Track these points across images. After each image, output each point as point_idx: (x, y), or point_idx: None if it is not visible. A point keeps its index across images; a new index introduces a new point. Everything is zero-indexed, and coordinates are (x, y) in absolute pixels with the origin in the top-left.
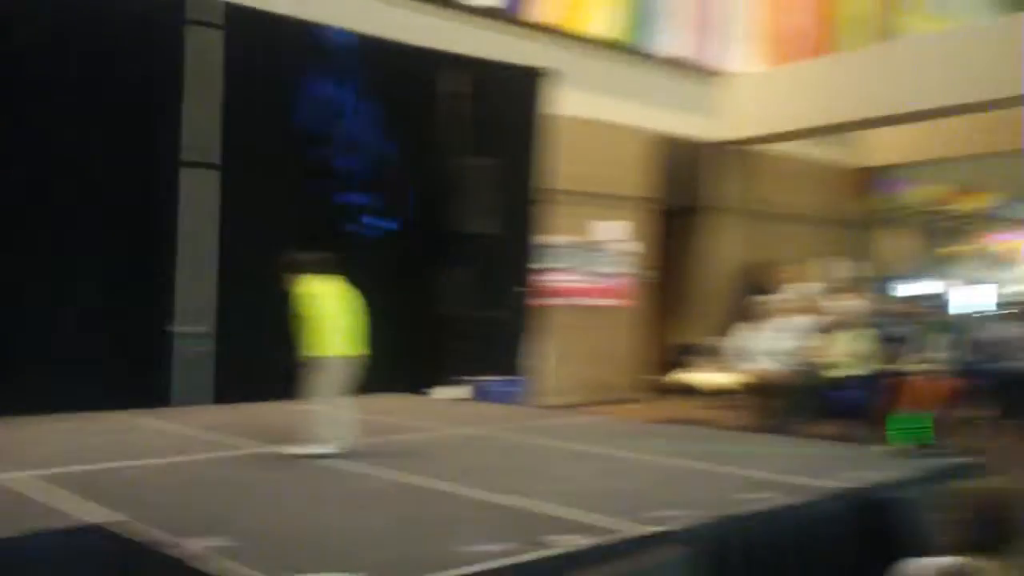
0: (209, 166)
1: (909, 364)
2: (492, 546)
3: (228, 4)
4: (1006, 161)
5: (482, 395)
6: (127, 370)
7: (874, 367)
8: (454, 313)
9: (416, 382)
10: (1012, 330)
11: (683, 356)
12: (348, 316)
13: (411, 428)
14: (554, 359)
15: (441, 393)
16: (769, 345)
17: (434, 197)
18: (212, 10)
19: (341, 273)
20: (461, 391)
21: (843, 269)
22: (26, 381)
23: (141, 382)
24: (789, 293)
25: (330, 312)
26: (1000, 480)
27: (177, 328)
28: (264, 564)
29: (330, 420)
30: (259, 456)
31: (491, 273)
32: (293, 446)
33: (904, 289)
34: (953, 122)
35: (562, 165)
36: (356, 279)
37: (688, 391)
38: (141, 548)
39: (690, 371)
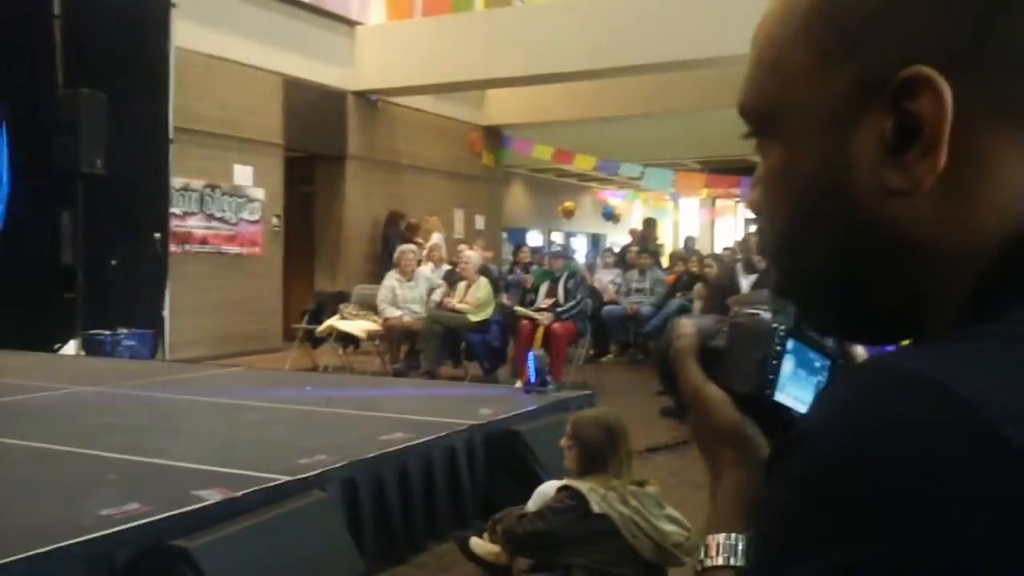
0: None
1: (531, 309)
2: (132, 506)
3: None
4: (606, 126)
5: (107, 350)
6: None
7: (501, 312)
8: (70, 261)
9: (34, 338)
10: (611, 276)
11: (324, 304)
12: None
13: (28, 388)
14: (186, 310)
15: (66, 349)
16: (407, 292)
17: (41, 133)
18: None
19: None
20: (84, 346)
21: (471, 221)
22: None
23: None
24: (424, 243)
25: None
26: (603, 410)
27: None
28: None
29: None
30: None
31: (114, 216)
32: None
33: (526, 240)
34: (564, 87)
35: (190, 104)
36: None
37: (331, 339)
38: None
39: (336, 319)
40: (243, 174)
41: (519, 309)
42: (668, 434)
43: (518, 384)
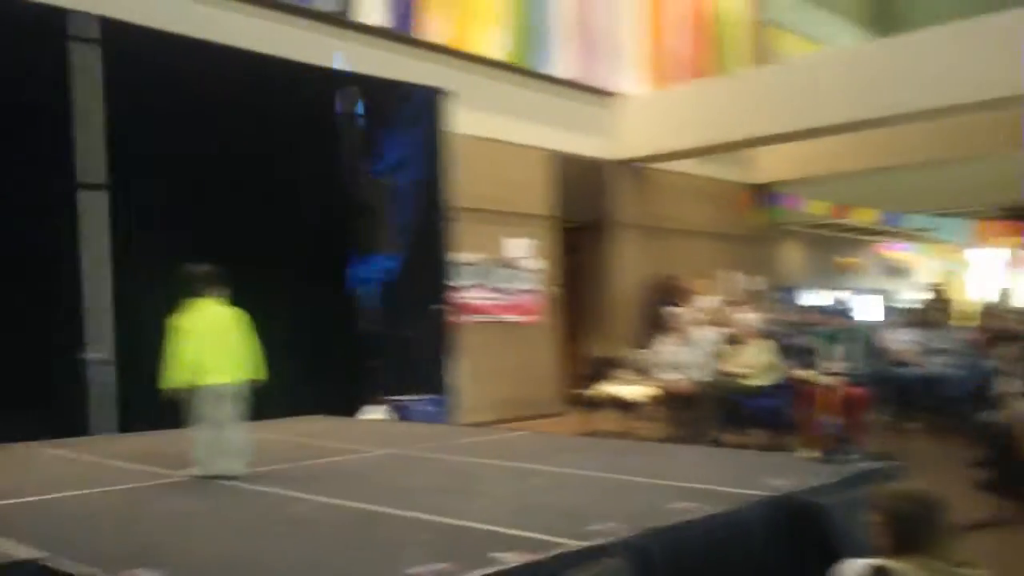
0: (101, 187)
1: (815, 372)
2: (436, 566)
3: (104, 19)
4: (887, 176)
5: (403, 415)
6: (33, 400)
7: (782, 376)
8: (369, 332)
9: (336, 404)
10: (908, 336)
11: (601, 369)
12: (222, 342)
13: (336, 450)
14: (472, 377)
15: (363, 414)
16: (682, 357)
17: (339, 216)
18: (89, 25)
19: (232, 288)
20: (382, 411)
21: (743, 281)
22: None
23: (51, 412)
24: (695, 306)
25: (201, 340)
26: (916, 483)
27: (87, 356)
28: None
29: (212, 445)
30: (179, 484)
31: (406, 292)
32: (187, 469)
33: (804, 300)
34: (836, 139)
35: (464, 184)
36: (260, 300)
37: (607, 404)
38: None
39: (607, 384)
40: (518, 247)
41: (807, 373)
42: (985, 510)
43: (809, 453)
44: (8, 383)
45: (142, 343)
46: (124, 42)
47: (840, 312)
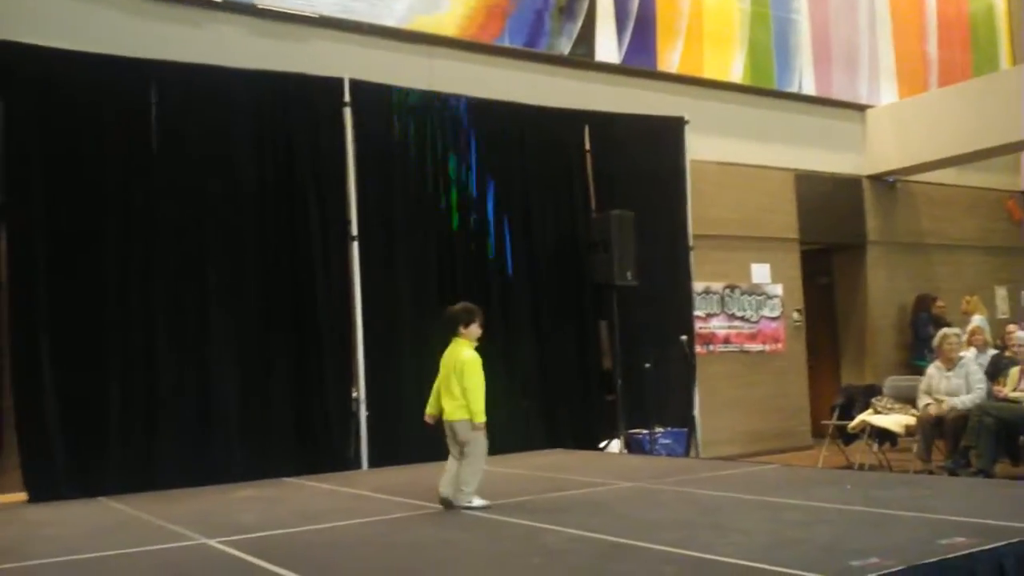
0: (362, 238)
1: None
2: None
3: (355, 81)
4: None
5: (647, 448)
6: (308, 439)
7: None
8: (611, 366)
9: (578, 437)
10: None
11: (851, 398)
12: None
13: (578, 483)
14: (713, 408)
15: (610, 447)
16: (952, 382)
17: (580, 252)
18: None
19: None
20: (625, 444)
21: (1016, 298)
22: (212, 452)
23: (318, 449)
24: (965, 326)
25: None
26: None
27: (356, 395)
28: None
29: (480, 477)
30: (432, 515)
31: (647, 323)
32: (459, 500)
33: None
34: None
35: (705, 210)
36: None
37: (866, 435)
38: None
39: (866, 413)
40: (760, 272)
41: None
42: None
43: None
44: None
45: (390, 382)
46: (385, 103)
47: None
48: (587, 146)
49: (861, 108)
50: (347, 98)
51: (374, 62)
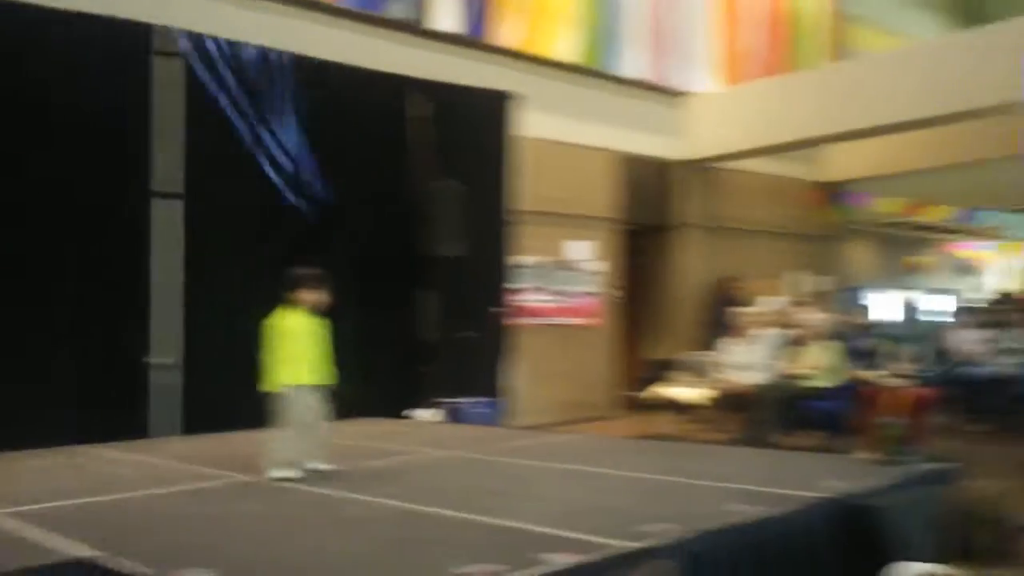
0: (175, 196)
1: (880, 374)
2: (484, 566)
3: (190, 32)
4: (961, 173)
5: (459, 417)
6: (99, 403)
7: (846, 378)
8: (429, 336)
9: (393, 406)
10: (978, 336)
11: (658, 371)
12: (314, 346)
13: (391, 452)
14: (529, 379)
15: (418, 416)
16: (743, 358)
17: (404, 221)
18: (174, 39)
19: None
20: (438, 414)
21: (809, 282)
22: None
23: (113, 415)
24: (760, 306)
25: (297, 342)
26: (987, 486)
27: (152, 360)
28: None
29: (291, 446)
30: (236, 485)
31: (465, 295)
32: (264, 470)
33: (870, 300)
34: (910, 136)
35: (530, 186)
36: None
37: (666, 406)
38: None
39: (667, 386)
40: (581, 249)
41: (870, 374)
42: None
43: (869, 455)
44: (72, 385)
45: (210, 348)
46: (204, 55)
47: (902, 313)
48: (419, 115)
49: (684, 95)
50: (159, 45)
51: (197, 10)
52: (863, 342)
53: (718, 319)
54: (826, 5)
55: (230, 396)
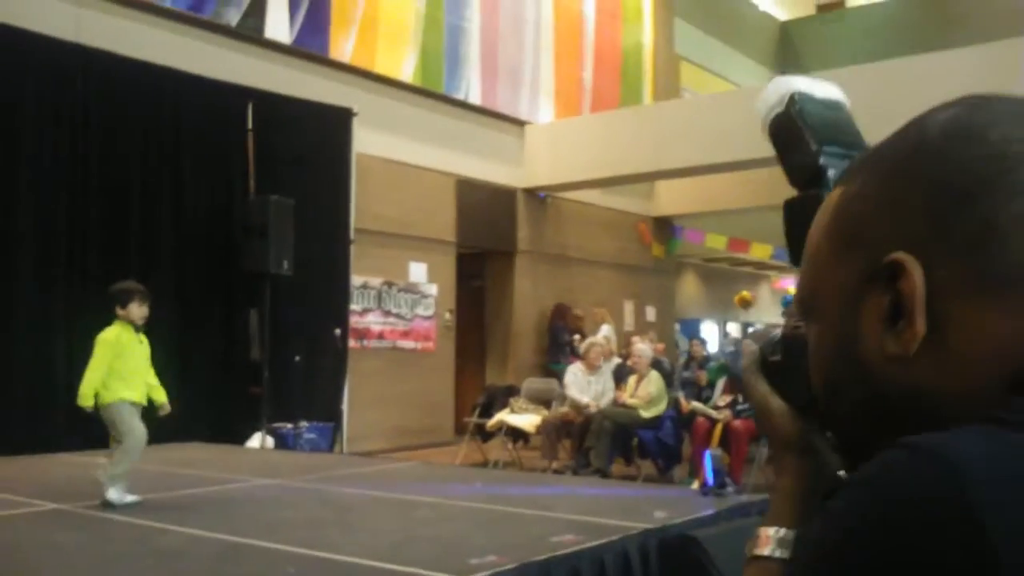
0: None
1: (703, 405)
2: None
3: None
4: (779, 214)
5: (289, 443)
6: None
7: (670, 407)
8: (256, 357)
9: (221, 430)
10: None
11: (497, 397)
12: (142, 362)
13: (215, 479)
14: (365, 404)
15: (252, 442)
16: (579, 386)
17: (233, 236)
18: None
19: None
20: (268, 439)
21: (643, 313)
22: None
23: None
24: (595, 335)
25: (125, 358)
26: None
27: None
28: None
29: (124, 466)
30: (38, 514)
31: (298, 315)
32: (105, 493)
33: (700, 332)
34: (736, 175)
35: (368, 205)
36: (153, 323)
37: (501, 433)
38: None
39: (501, 413)
40: (418, 271)
41: (696, 405)
42: None
43: (695, 485)
44: None
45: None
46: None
47: (730, 346)
48: (250, 125)
49: (521, 123)
50: None
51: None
52: (694, 374)
53: (555, 346)
54: (654, 44)
55: (26, 417)
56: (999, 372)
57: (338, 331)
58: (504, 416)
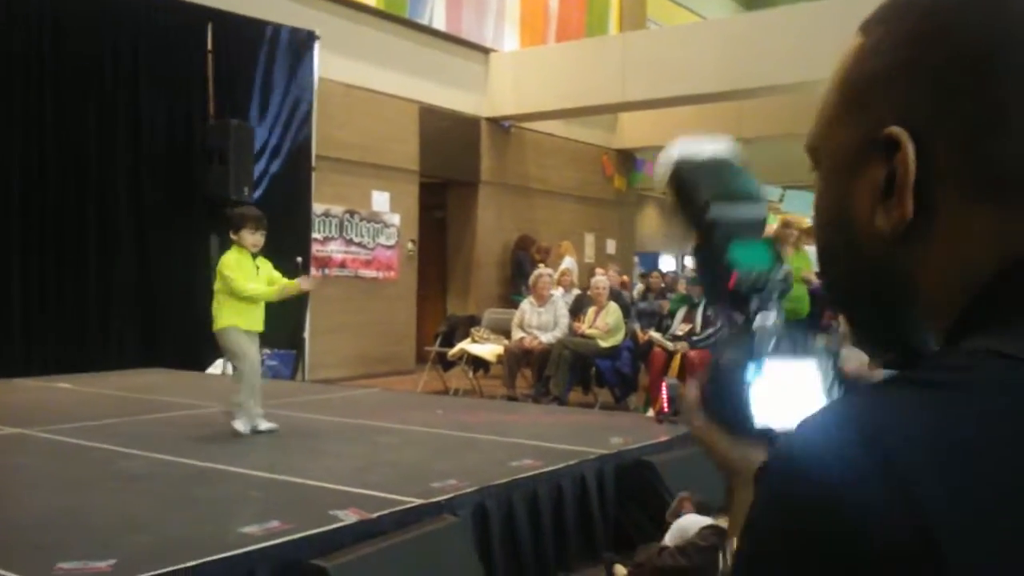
0: None
1: (662, 336)
2: (270, 524)
3: None
4: (746, 148)
5: None
6: None
7: (627, 338)
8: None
9: (191, 358)
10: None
11: (459, 327)
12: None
13: (178, 405)
14: (327, 332)
15: (213, 368)
16: (539, 317)
17: (193, 162)
18: None
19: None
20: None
21: (602, 246)
22: None
23: None
24: (557, 267)
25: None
26: None
27: None
28: (17, 553)
29: (246, 393)
30: (8, 437)
31: (266, 242)
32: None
33: (661, 264)
34: (703, 108)
35: (329, 132)
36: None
37: (463, 362)
38: None
39: (467, 342)
40: (380, 200)
41: (653, 336)
42: None
43: (650, 413)
44: None
45: None
46: None
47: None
48: (209, 46)
49: (485, 51)
50: None
51: None
52: (653, 305)
53: (518, 277)
54: None
55: None
56: (976, 276)
57: (299, 259)
58: (465, 345)
